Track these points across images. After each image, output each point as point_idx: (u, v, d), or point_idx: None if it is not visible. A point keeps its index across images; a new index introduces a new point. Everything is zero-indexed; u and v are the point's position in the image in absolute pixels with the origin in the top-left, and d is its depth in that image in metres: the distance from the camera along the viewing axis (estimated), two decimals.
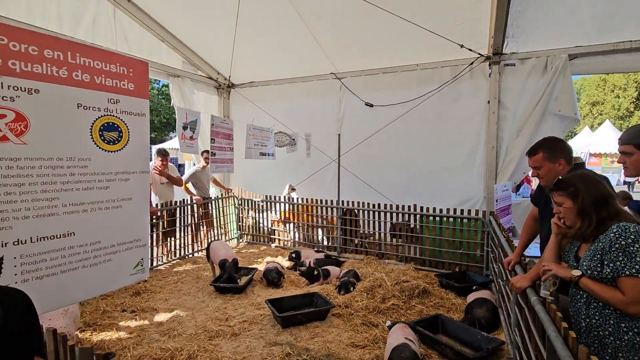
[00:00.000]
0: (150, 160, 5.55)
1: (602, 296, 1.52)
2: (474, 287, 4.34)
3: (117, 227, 1.89)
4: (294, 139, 5.83)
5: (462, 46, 5.02)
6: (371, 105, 6.38)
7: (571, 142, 17.18)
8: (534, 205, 2.50)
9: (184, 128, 3.73)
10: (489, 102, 5.58)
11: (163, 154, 5.41)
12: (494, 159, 5.59)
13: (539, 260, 2.03)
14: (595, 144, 17.94)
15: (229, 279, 4.31)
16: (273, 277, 4.48)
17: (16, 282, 1.56)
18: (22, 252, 1.60)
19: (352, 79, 6.54)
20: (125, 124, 1.91)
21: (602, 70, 5.08)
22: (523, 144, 5.36)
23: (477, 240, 5.07)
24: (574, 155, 2.45)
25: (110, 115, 1.83)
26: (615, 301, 1.48)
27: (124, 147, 1.90)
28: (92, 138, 1.76)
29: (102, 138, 1.81)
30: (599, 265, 1.56)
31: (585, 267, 1.62)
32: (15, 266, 1.57)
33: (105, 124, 1.82)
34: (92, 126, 1.77)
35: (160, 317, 3.60)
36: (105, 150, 1.83)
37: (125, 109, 1.91)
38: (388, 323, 3.35)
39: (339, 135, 6.09)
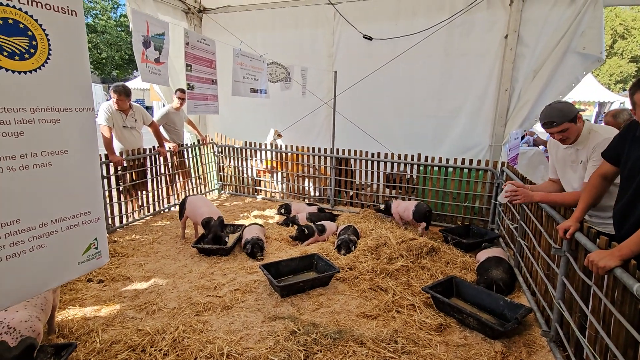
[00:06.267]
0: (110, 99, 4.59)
1: None
2: (484, 244, 4.07)
3: (47, 196, 1.19)
4: (289, 74, 4.90)
5: None
6: (370, 39, 5.51)
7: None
8: (608, 161, 1.95)
9: (146, 45, 2.56)
10: (506, 36, 4.88)
11: (120, 90, 4.27)
12: (505, 103, 5.05)
13: (636, 234, 1.57)
14: None
15: (216, 238, 3.75)
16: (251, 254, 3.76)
17: None
18: None
19: (349, 5, 5.57)
20: (41, 26, 1.11)
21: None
22: (539, 87, 4.83)
23: (485, 193, 4.71)
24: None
25: (8, 6, 1.05)
26: None
27: (44, 65, 1.12)
28: None
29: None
30: None
31: None
32: None
33: (1, 22, 1.04)
34: None
35: (135, 287, 3.05)
36: (9, 70, 1.06)
37: None
38: None
39: (335, 72, 5.26)
